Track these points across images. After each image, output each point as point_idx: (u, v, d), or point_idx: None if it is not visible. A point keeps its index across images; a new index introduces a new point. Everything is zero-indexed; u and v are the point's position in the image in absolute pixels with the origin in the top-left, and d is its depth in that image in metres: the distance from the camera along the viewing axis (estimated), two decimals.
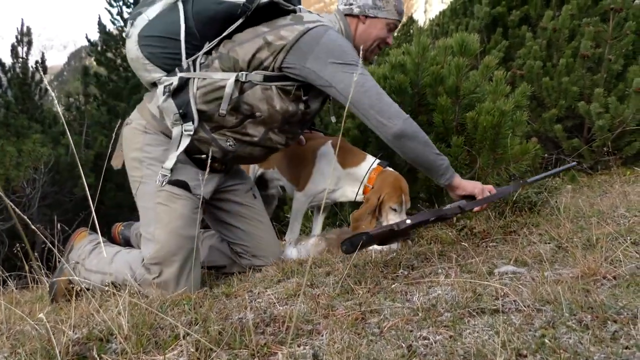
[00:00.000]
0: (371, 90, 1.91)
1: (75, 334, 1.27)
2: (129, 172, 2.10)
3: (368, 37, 2.15)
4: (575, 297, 1.24)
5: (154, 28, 1.98)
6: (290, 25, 1.95)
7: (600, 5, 5.12)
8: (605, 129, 4.16)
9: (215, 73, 1.96)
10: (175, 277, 1.91)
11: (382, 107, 1.91)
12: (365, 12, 2.10)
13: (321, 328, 1.25)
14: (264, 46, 1.93)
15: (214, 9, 1.97)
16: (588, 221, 2.13)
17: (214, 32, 2.01)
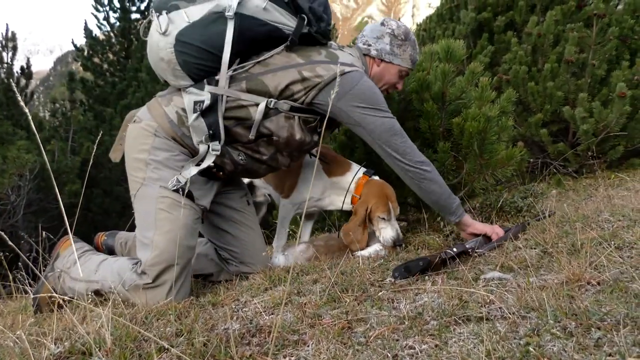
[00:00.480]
0: (397, 134, 2.05)
1: (57, 347, 1.24)
2: (130, 171, 2.05)
3: (379, 80, 2.23)
4: (560, 304, 1.24)
5: (195, 35, 1.91)
6: (326, 64, 2.00)
7: (584, 11, 5.19)
8: (589, 133, 4.21)
9: (243, 94, 1.96)
10: (170, 286, 1.89)
11: (407, 151, 2.06)
12: (381, 57, 2.20)
13: (307, 338, 1.24)
14: (298, 80, 1.97)
15: (257, 31, 1.96)
16: (573, 226, 2.15)
17: (247, 51, 2.01)
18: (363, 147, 2.85)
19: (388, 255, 2.17)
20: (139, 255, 1.98)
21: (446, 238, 2.39)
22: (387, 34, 2.19)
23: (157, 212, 1.94)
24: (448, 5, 6.36)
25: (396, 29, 2.20)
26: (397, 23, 2.23)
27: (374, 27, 2.23)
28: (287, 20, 1.99)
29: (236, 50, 1.95)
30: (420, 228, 2.65)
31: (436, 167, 2.54)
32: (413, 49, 2.24)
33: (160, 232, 1.92)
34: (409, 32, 2.23)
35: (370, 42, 2.20)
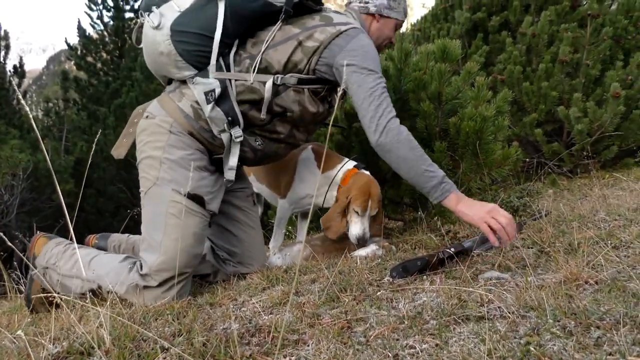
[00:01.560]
0: (376, 97, 1.91)
1: (55, 347, 1.24)
2: (142, 168, 2.01)
3: (380, 36, 2.25)
4: (559, 303, 1.25)
5: (189, 23, 1.92)
6: (321, 27, 1.97)
7: (578, 11, 5.22)
8: (584, 133, 4.24)
9: (249, 75, 1.95)
10: (174, 291, 1.87)
11: (376, 114, 1.90)
12: (380, 12, 2.20)
13: (307, 338, 1.24)
14: (297, 48, 1.95)
15: (250, 8, 1.96)
16: (569, 225, 2.16)
17: (245, 30, 2.01)
18: (359, 146, 2.85)
19: (385, 255, 2.17)
20: (143, 255, 1.93)
21: (443, 238, 2.40)
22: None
23: (168, 216, 1.91)
24: (442, 5, 6.38)
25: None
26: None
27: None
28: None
29: (233, 31, 1.96)
30: (417, 227, 2.65)
31: None
32: (404, 1, 2.27)
33: (170, 238, 1.89)
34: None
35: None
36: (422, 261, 1.72)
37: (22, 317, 2.01)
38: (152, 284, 1.87)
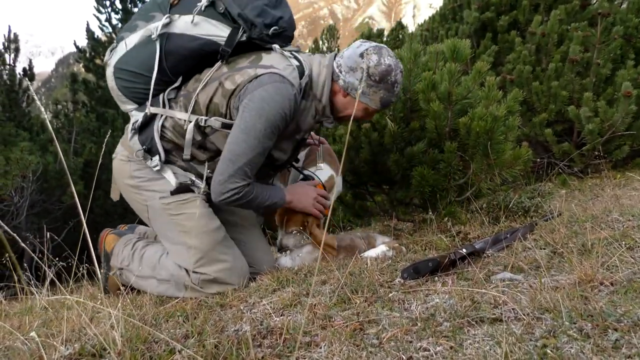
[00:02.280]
0: (232, 164, 1.91)
1: (67, 349, 1.23)
2: (130, 202, 2.18)
3: (342, 110, 2.12)
4: (574, 305, 1.23)
5: (129, 61, 2.04)
6: (245, 69, 1.95)
7: (588, 10, 5.18)
8: (595, 132, 4.19)
9: (179, 112, 2.02)
10: (229, 267, 2.01)
11: (226, 181, 1.92)
12: (347, 91, 2.05)
13: (319, 340, 1.23)
14: (218, 90, 1.96)
15: (189, 48, 2.01)
16: (582, 226, 2.14)
17: (187, 69, 2.06)
18: (368, 147, 2.84)
19: (395, 256, 2.16)
20: (178, 261, 2.06)
21: (453, 239, 2.38)
22: (361, 69, 1.98)
23: (173, 219, 2.05)
24: (451, 5, 6.35)
25: (373, 67, 1.97)
26: (379, 60, 1.98)
27: (352, 56, 2.02)
28: (222, 31, 1.99)
29: (172, 70, 2.04)
30: (427, 228, 2.63)
31: (442, 167, 2.54)
32: (388, 92, 2.04)
33: (188, 233, 2.01)
34: (387, 74, 1.99)
35: (343, 70, 2.02)
36: (434, 262, 1.71)
37: (33, 319, 2.01)
38: (206, 276, 2.00)
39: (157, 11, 2.03)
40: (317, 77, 2.04)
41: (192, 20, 1.97)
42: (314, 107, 2.08)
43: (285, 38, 2.08)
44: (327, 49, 21.58)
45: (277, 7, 2.06)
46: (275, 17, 2.02)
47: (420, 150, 2.61)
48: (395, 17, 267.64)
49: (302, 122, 2.08)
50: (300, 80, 1.97)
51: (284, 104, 1.89)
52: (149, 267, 2.15)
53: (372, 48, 2.00)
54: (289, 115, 1.92)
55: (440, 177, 2.57)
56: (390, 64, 1.99)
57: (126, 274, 2.23)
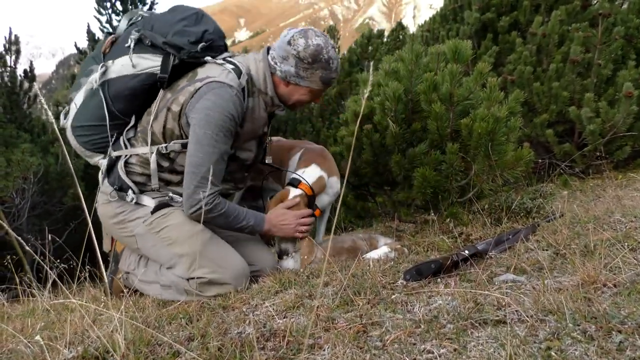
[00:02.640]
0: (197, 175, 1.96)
1: (70, 352, 1.23)
2: (120, 240, 2.24)
3: (289, 99, 2.18)
4: (578, 307, 1.23)
5: (82, 117, 2.13)
6: (185, 88, 2.02)
7: (589, 10, 5.18)
8: (596, 133, 4.19)
9: (141, 148, 2.10)
10: (221, 266, 2.01)
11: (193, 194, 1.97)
12: (286, 79, 2.10)
13: (323, 342, 1.23)
14: (168, 115, 2.04)
15: (130, 87, 2.09)
16: (584, 227, 2.13)
17: (136, 107, 2.15)
18: (370, 148, 2.84)
19: (398, 258, 2.16)
20: (178, 272, 2.08)
21: (456, 240, 2.38)
22: (293, 55, 2.03)
23: (159, 237, 2.09)
24: (451, 6, 6.35)
25: (302, 50, 2.02)
26: (306, 42, 2.02)
27: (281, 45, 2.07)
28: (155, 62, 2.07)
29: (123, 112, 2.12)
30: (429, 230, 2.63)
31: (444, 168, 2.54)
32: (325, 70, 2.07)
33: (175, 243, 2.06)
34: (318, 53, 2.02)
35: (277, 60, 2.08)
36: (436, 264, 1.70)
37: (36, 321, 2.01)
38: (202, 279, 2.00)
39: (94, 64, 2.14)
40: (256, 73, 2.11)
41: (130, 61, 2.07)
42: (263, 101, 2.15)
43: (216, 49, 2.16)
44: None
45: (199, 23, 2.15)
46: (199, 33, 2.10)
47: (422, 152, 2.61)
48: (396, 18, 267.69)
49: (256, 119, 2.15)
50: (240, 80, 2.03)
51: (227, 107, 1.95)
52: (153, 272, 2.17)
53: (297, 33, 2.06)
54: (236, 116, 1.98)
55: (442, 178, 2.57)
56: (318, 44, 2.03)
57: (131, 277, 2.26)
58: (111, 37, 2.21)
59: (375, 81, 2.90)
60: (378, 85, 2.90)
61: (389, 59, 2.92)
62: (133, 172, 2.13)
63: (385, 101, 2.72)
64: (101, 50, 2.17)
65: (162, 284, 2.12)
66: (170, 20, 2.12)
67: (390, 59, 2.90)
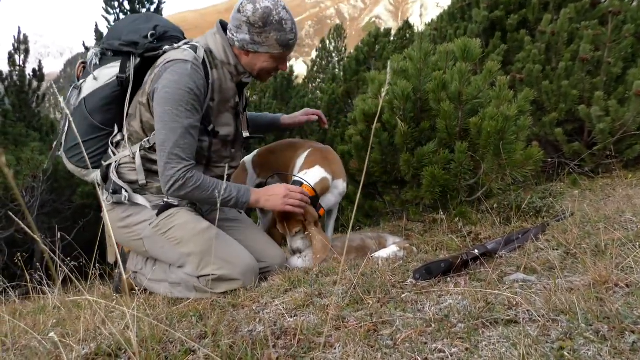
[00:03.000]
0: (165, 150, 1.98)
1: (83, 349, 1.24)
2: (129, 245, 2.26)
3: (253, 68, 2.18)
4: (590, 307, 1.22)
5: (70, 138, 2.21)
6: (148, 79, 2.08)
7: (599, 8, 5.14)
8: (606, 132, 4.16)
9: (127, 150, 2.15)
10: (229, 262, 2.01)
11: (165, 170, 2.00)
12: (245, 48, 2.10)
13: (333, 341, 1.23)
14: (141, 109, 2.09)
15: (103, 97, 2.15)
16: (595, 226, 2.12)
17: (115, 115, 2.19)
18: (379, 147, 2.84)
19: (407, 257, 2.16)
20: (188, 271, 2.08)
21: (464, 239, 2.37)
22: (244, 22, 2.03)
23: (167, 238, 2.10)
24: (459, 4, 6.32)
25: (252, 15, 2.01)
26: (254, 7, 2.00)
27: (234, 14, 2.08)
28: (118, 66, 2.14)
29: (105, 123, 2.18)
30: (437, 229, 2.63)
31: (453, 167, 2.53)
32: (279, 32, 2.05)
33: (182, 242, 2.07)
34: (268, 15, 2.01)
35: (233, 31, 2.08)
36: (446, 263, 1.70)
37: (47, 318, 2.02)
38: (212, 275, 2.00)
39: (73, 90, 2.22)
40: (215, 46, 2.13)
41: (95, 77, 2.14)
42: (228, 72, 2.16)
43: (173, 39, 2.20)
44: (334, 48, 21.56)
45: (150, 21, 2.22)
46: (151, 27, 2.17)
47: (431, 151, 2.61)
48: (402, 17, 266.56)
49: (224, 90, 2.16)
50: (197, 54, 2.05)
51: (183, 81, 1.97)
52: (162, 271, 2.18)
53: (245, 0, 2.04)
54: (195, 88, 1.99)
55: (450, 177, 2.56)
56: (267, 6, 2.02)
57: (140, 277, 2.27)
58: (80, 62, 2.31)
59: (384, 80, 2.90)
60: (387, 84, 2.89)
61: (397, 57, 2.91)
62: (126, 175, 2.18)
63: (394, 100, 2.72)
64: (76, 76, 2.26)
65: (171, 281, 2.13)
66: (122, 24, 2.24)
67: (399, 58, 2.90)
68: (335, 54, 21.33)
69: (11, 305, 2.61)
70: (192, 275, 2.05)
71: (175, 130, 1.96)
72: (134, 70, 2.13)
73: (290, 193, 2.16)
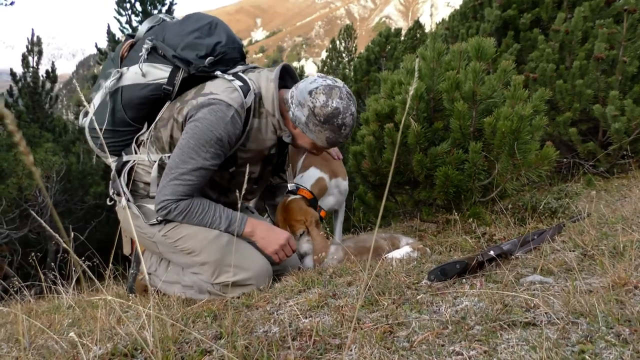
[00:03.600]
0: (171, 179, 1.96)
1: (99, 349, 1.25)
2: (143, 243, 2.23)
3: (295, 139, 2.13)
4: (610, 309, 1.20)
5: (97, 120, 2.14)
6: (190, 100, 2.02)
7: (614, 6, 5.07)
8: (621, 132, 4.11)
9: (149, 154, 2.12)
10: (244, 268, 2.00)
11: (161, 192, 1.98)
12: (295, 124, 2.05)
13: (349, 342, 1.22)
14: (174, 124, 2.04)
15: (140, 96, 2.11)
16: (612, 228, 2.09)
17: (147, 115, 2.16)
18: (391, 147, 2.82)
19: (420, 258, 2.14)
20: (201, 277, 2.07)
21: (479, 240, 2.35)
22: (308, 107, 1.96)
23: (175, 246, 2.08)
24: (472, 3, 6.27)
25: (319, 107, 1.94)
26: (327, 101, 1.94)
27: (303, 90, 1.99)
28: (166, 72, 2.09)
29: (134, 118, 2.14)
30: (451, 229, 2.61)
31: (466, 167, 2.51)
32: (333, 133, 2.00)
33: (195, 251, 2.05)
34: (333, 116, 1.95)
35: (294, 101, 2.01)
36: (461, 264, 1.68)
37: (62, 318, 2.04)
38: (230, 280, 2.00)
39: (112, 67, 2.15)
40: (266, 93, 2.04)
41: (142, 70, 2.08)
42: (271, 123, 2.09)
43: (229, 61, 2.13)
44: (345, 48, 21.54)
45: (212, 34, 2.12)
46: (211, 46, 2.07)
47: (444, 150, 2.59)
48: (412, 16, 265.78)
49: (262, 140, 2.10)
50: (245, 99, 1.98)
51: (217, 126, 1.91)
52: (175, 273, 2.18)
53: (322, 87, 1.96)
54: (225, 137, 1.93)
55: (464, 178, 2.54)
56: (337, 107, 1.95)
57: (153, 278, 2.27)
58: (130, 40, 2.22)
59: (397, 80, 2.89)
60: (399, 84, 2.88)
61: (410, 57, 2.90)
62: (142, 176, 2.15)
63: (406, 100, 2.71)
64: (119, 54, 2.18)
65: (184, 284, 2.12)
66: (181, 31, 2.10)
67: (412, 58, 2.88)
68: (346, 54, 21.33)
69: (26, 304, 2.63)
70: (206, 282, 2.05)
71: (187, 163, 1.93)
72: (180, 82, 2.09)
73: (286, 247, 2.11)
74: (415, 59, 2.87)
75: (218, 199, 2.14)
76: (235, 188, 2.16)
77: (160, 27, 2.18)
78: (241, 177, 2.11)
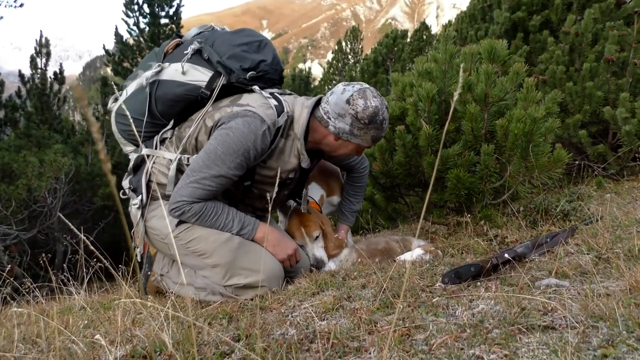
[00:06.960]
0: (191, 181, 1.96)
1: (118, 350, 1.25)
2: (155, 244, 2.24)
3: (334, 152, 2.18)
4: (630, 313, 1.19)
5: (127, 107, 2.16)
6: (224, 107, 2.05)
7: (624, 8, 5.05)
8: (632, 134, 4.08)
9: (169, 152, 2.13)
10: (256, 270, 2.00)
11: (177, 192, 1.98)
12: (338, 135, 2.09)
13: (367, 345, 1.22)
14: (202, 128, 2.06)
15: (175, 93, 2.13)
16: (626, 230, 2.08)
17: (176, 112, 2.18)
18: (402, 149, 2.82)
19: (433, 260, 2.14)
20: (214, 279, 2.07)
21: (491, 242, 2.35)
22: (350, 115, 2.03)
23: (187, 249, 2.08)
24: (480, 5, 6.26)
25: (361, 111, 2.02)
26: (365, 103, 2.02)
27: (339, 102, 2.04)
28: (206, 76, 2.11)
29: (163, 113, 2.17)
30: (462, 232, 2.60)
31: (478, 169, 2.51)
32: (377, 130, 2.09)
33: (206, 254, 2.05)
34: (375, 115, 2.04)
35: (331, 116, 2.06)
36: (476, 267, 1.68)
37: (76, 319, 2.05)
38: (239, 284, 2.01)
39: (154, 60, 2.19)
40: (298, 117, 2.09)
41: (182, 68, 2.11)
42: (296, 147, 2.12)
43: (268, 81, 2.18)
44: (351, 50, 21.55)
45: (259, 51, 2.17)
46: (255, 61, 2.12)
47: (456, 153, 2.58)
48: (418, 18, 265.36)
49: (283, 161, 2.12)
50: (278, 119, 2.02)
51: (248, 137, 1.93)
52: (187, 275, 2.19)
53: (356, 93, 2.04)
54: (252, 150, 1.96)
55: (476, 180, 2.53)
56: (376, 105, 2.04)
57: (166, 280, 2.28)
58: (177, 40, 2.27)
59: (408, 82, 2.89)
60: (411, 86, 2.88)
61: (421, 59, 2.90)
62: (157, 176, 2.16)
63: (418, 102, 2.71)
64: (164, 50, 2.22)
65: (197, 286, 2.13)
66: (232, 41, 2.15)
67: (423, 60, 2.88)
68: (352, 56, 21.34)
69: (39, 305, 2.64)
70: (218, 284, 2.06)
71: (210, 169, 1.94)
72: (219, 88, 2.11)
73: (294, 257, 2.15)
74: (425, 61, 2.86)
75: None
76: (247, 203, 2.20)
77: (210, 34, 2.23)
78: (253, 194, 2.17)
